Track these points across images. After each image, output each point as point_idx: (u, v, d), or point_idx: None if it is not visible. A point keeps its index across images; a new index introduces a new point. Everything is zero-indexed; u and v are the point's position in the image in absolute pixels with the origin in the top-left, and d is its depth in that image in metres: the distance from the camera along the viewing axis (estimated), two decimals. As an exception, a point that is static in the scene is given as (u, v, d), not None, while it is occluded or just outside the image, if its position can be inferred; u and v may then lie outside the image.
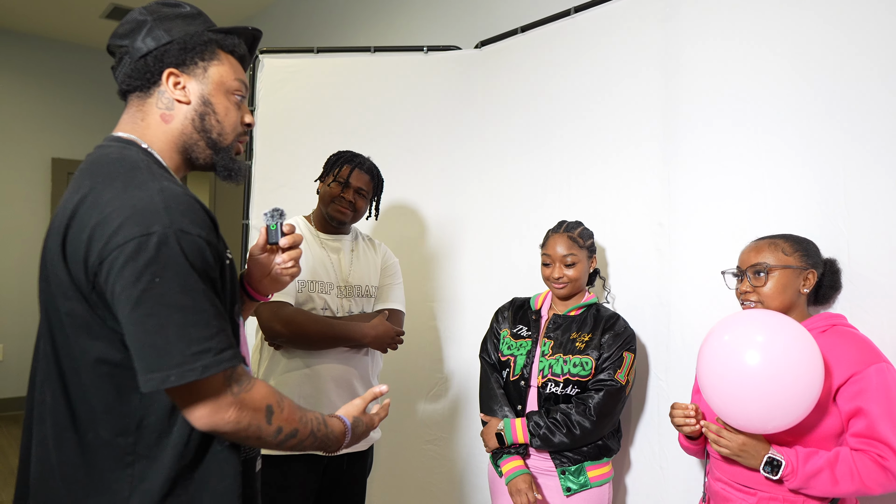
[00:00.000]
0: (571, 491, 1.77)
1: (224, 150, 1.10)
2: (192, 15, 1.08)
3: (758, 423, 1.29)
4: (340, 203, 1.89)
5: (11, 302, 5.00)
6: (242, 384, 0.95)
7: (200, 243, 0.91)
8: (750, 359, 1.27)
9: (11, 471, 3.81)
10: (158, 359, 0.86)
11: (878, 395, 1.28)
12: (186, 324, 0.87)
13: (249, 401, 0.95)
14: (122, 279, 0.86)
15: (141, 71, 1.04)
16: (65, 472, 0.94)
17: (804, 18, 1.66)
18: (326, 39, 3.83)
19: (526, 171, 2.43)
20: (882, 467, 1.25)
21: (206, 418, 0.91)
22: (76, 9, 4.49)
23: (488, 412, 1.89)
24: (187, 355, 0.86)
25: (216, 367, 0.89)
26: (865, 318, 1.49)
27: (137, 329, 0.86)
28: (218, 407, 0.91)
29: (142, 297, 0.86)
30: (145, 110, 1.06)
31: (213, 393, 0.91)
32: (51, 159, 5.09)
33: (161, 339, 0.86)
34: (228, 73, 1.09)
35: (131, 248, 0.86)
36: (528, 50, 2.45)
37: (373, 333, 1.85)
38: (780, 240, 1.48)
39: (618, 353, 1.78)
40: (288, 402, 1.02)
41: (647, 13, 2.04)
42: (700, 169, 1.88)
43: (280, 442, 1.00)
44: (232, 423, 0.93)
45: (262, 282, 1.27)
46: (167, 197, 0.91)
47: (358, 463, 1.95)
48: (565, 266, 1.86)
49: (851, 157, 1.56)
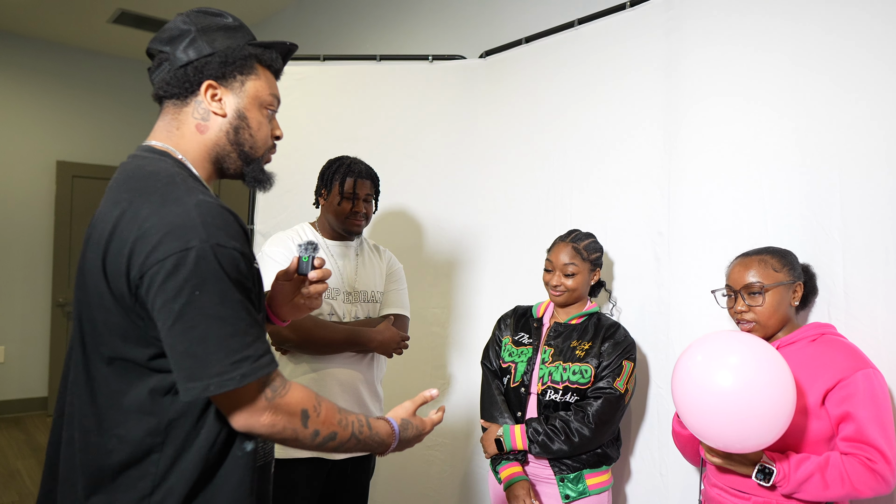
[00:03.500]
0: (570, 498, 1.78)
1: (255, 162, 1.13)
2: (234, 27, 1.10)
3: (736, 445, 1.29)
4: (355, 217, 1.93)
5: (14, 305, 5.00)
6: (277, 389, 0.97)
7: (236, 255, 0.94)
8: (723, 381, 1.25)
9: (11, 473, 3.81)
10: (199, 369, 0.89)
11: (866, 400, 1.31)
12: (226, 334, 0.90)
13: (284, 405, 0.98)
14: (164, 293, 0.89)
15: (180, 80, 1.06)
16: (88, 472, 0.97)
17: (806, 31, 1.68)
18: (333, 47, 3.86)
19: (528, 180, 2.46)
20: (871, 470, 1.28)
21: (242, 421, 0.96)
22: (83, 13, 4.52)
23: (489, 418, 1.90)
24: (226, 365, 0.90)
25: (253, 375, 0.92)
26: (858, 326, 1.52)
27: (179, 340, 0.90)
28: (253, 411, 0.95)
29: (183, 310, 0.89)
30: (181, 119, 1.08)
31: (249, 399, 0.94)
32: (55, 162, 5.10)
33: (202, 350, 0.89)
34: (264, 88, 1.11)
35: (171, 263, 0.89)
36: (533, 60, 2.48)
37: (379, 338, 1.87)
38: (767, 255, 1.49)
39: (617, 362, 1.79)
40: (326, 406, 1.04)
41: (651, 26, 2.07)
42: (700, 179, 1.90)
43: (319, 444, 1.03)
44: (267, 426, 0.96)
45: (283, 308, 1.30)
46: (203, 212, 0.93)
47: (361, 467, 1.97)
48: (564, 275, 1.87)
49: (849, 169, 1.59)
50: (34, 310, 5.08)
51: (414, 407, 1.22)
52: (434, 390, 1.26)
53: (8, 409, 4.99)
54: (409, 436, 1.18)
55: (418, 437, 1.21)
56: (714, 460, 1.39)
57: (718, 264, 1.81)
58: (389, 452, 1.18)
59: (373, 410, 1.95)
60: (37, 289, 5.10)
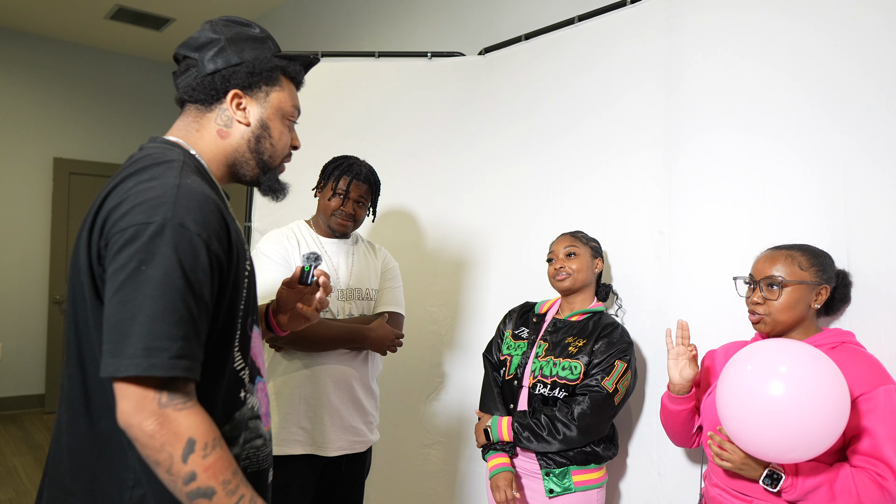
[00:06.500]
0: (554, 493, 1.79)
1: (272, 171, 1.15)
2: (262, 38, 1.13)
3: (776, 455, 1.26)
4: (341, 216, 1.92)
5: (11, 301, 4.99)
6: (175, 400, 0.87)
7: (197, 242, 0.90)
8: (775, 390, 1.22)
9: (8, 470, 3.80)
10: (119, 346, 0.84)
11: (885, 417, 1.29)
12: (154, 317, 0.85)
13: (173, 421, 0.86)
14: (115, 262, 0.88)
15: (207, 87, 1.08)
16: (74, 455, 0.96)
17: (806, 30, 1.67)
18: (331, 44, 3.84)
19: (527, 178, 2.44)
20: (880, 487, 1.26)
21: (125, 416, 0.86)
22: (80, 9, 4.51)
23: (484, 409, 1.95)
24: (140, 349, 0.84)
25: (161, 370, 0.84)
26: (864, 326, 1.50)
27: (113, 312, 0.86)
28: (139, 410, 0.85)
29: (125, 282, 0.86)
30: (203, 123, 1.10)
31: (142, 394, 0.85)
32: (53, 159, 5.09)
33: (127, 327, 0.85)
34: (287, 100, 1.14)
35: (130, 233, 0.88)
36: (532, 57, 2.47)
37: (372, 336, 1.86)
38: (798, 252, 1.45)
39: (609, 360, 1.78)
40: (221, 455, 0.89)
41: (651, 23, 2.06)
42: (701, 178, 1.89)
43: (189, 493, 0.87)
44: (146, 434, 0.85)
45: (284, 317, 1.31)
46: (182, 192, 0.92)
47: (356, 464, 1.96)
48: (567, 256, 1.91)
49: (852, 167, 1.57)
50: (31, 307, 5.07)
51: None
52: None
53: (5, 407, 4.99)
54: None
55: None
56: (724, 465, 1.37)
57: (719, 263, 1.80)
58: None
59: (368, 408, 1.95)
60: (33, 286, 5.08)
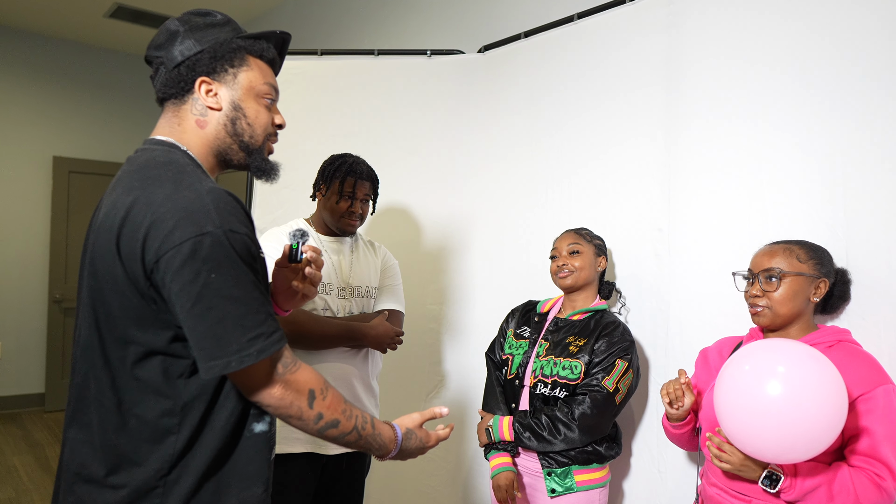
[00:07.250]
0: (556, 493, 1.79)
1: (256, 152, 1.16)
2: (222, 23, 1.13)
3: (775, 456, 1.25)
4: (350, 217, 1.93)
5: (11, 300, 4.99)
6: (288, 365, 1.03)
7: (246, 240, 1.00)
8: (773, 390, 1.21)
9: (8, 469, 3.80)
10: (219, 347, 0.95)
11: (884, 417, 1.29)
12: (241, 314, 0.96)
13: (294, 382, 1.03)
14: (181, 277, 0.94)
15: (175, 80, 1.10)
16: (107, 452, 1.01)
17: (806, 27, 1.67)
18: (330, 42, 3.84)
19: (527, 176, 2.44)
20: (878, 487, 1.26)
21: (253, 394, 1.02)
22: (79, 8, 4.50)
23: (487, 409, 1.95)
24: (243, 342, 0.95)
25: (268, 351, 0.98)
26: (862, 324, 1.50)
27: (198, 322, 0.95)
28: (266, 385, 1.01)
29: (201, 293, 0.94)
30: (181, 116, 1.12)
31: (263, 373, 1.00)
32: (52, 157, 5.09)
33: (220, 330, 0.95)
34: (258, 78, 1.14)
35: (188, 247, 0.93)
36: (531, 55, 2.46)
37: (372, 333, 1.86)
38: (796, 246, 1.46)
39: (610, 360, 1.77)
40: (333, 392, 1.08)
41: (651, 20, 2.06)
42: (700, 175, 1.88)
43: (320, 429, 1.06)
44: (277, 398, 1.02)
45: (281, 295, 1.32)
46: (215, 198, 0.98)
47: (357, 462, 1.96)
48: (569, 254, 1.90)
49: (851, 165, 1.57)
50: (31, 306, 5.07)
51: (422, 419, 1.24)
52: (444, 409, 1.28)
53: (5, 406, 4.99)
54: (411, 446, 1.20)
55: (421, 449, 1.23)
56: (723, 466, 1.37)
57: (718, 261, 1.80)
58: (388, 459, 1.19)
59: (368, 406, 1.94)
60: (33, 284, 5.08)
